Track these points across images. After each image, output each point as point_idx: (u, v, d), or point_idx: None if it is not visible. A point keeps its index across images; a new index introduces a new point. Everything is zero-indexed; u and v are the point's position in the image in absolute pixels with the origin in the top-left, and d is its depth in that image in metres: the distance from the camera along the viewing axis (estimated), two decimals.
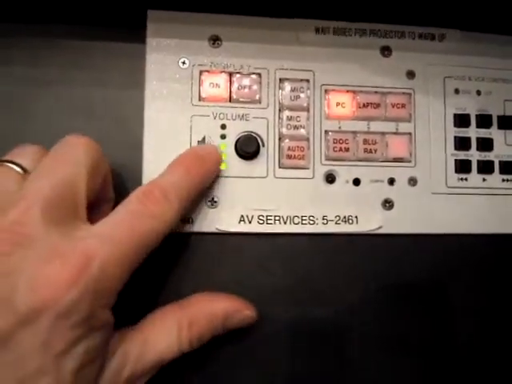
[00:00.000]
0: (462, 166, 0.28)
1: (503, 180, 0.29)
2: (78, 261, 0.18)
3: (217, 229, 0.26)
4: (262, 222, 0.26)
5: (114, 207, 0.21)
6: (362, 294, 0.27)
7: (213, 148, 0.26)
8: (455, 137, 0.28)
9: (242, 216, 0.26)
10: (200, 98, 0.26)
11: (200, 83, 0.26)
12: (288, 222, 0.27)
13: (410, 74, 0.28)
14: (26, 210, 0.18)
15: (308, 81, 0.27)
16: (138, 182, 0.25)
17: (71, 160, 0.21)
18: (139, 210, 0.21)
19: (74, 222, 0.20)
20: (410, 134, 0.28)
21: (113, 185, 0.24)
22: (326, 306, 0.27)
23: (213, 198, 0.26)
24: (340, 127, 0.27)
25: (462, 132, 0.28)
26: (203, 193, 0.26)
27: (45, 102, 0.26)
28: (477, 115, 0.29)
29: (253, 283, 0.26)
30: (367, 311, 0.27)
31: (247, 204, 0.26)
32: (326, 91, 0.27)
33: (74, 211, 0.20)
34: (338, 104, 0.27)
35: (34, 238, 0.18)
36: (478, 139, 0.28)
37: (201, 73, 0.27)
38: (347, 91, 0.28)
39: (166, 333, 0.22)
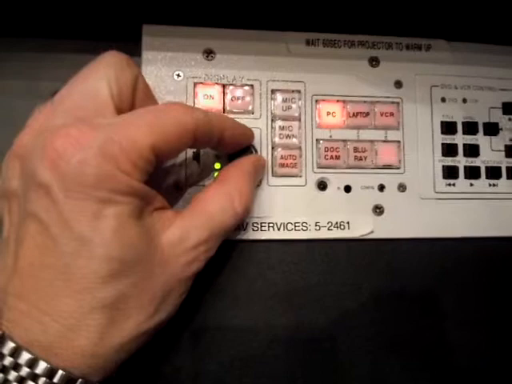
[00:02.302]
0: (450, 172, 0.29)
1: (490, 185, 0.30)
2: (81, 131, 0.19)
3: None
4: (256, 228, 0.27)
5: None
6: (355, 298, 0.28)
7: None
8: (442, 143, 0.29)
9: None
10: None
11: (194, 95, 0.27)
12: (282, 228, 0.27)
13: (398, 84, 0.29)
14: (51, 110, 0.21)
15: (299, 91, 0.28)
16: None
17: (91, 75, 0.22)
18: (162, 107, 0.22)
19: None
20: (398, 141, 0.29)
21: None
22: (321, 310, 0.28)
23: None
24: (331, 136, 0.28)
25: (449, 139, 0.29)
26: None
27: None
28: (463, 122, 0.30)
29: (249, 289, 0.27)
30: (361, 314, 0.28)
31: None
32: (316, 101, 0.28)
33: (97, 113, 0.21)
34: (328, 113, 0.28)
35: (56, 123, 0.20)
36: (465, 145, 0.29)
37: (195, 85, 0.27)
38: (337, 101, 0.28)
39: (221, 204, 0.23)
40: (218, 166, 0.27)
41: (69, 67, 0.27)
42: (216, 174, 0.27)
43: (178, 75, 0.27)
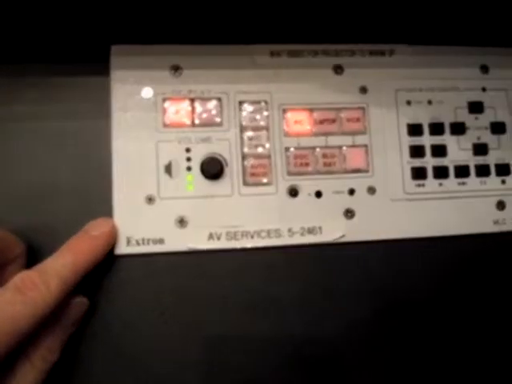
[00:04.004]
0: (418, 173, 0.30)
1: (459, 183, 0.30)
2: None
3: (188, 247, 0.27)
4: (230, 238, 0.28)
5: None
6: (330, 302, 0.29)
7: (106, 225, 0.26)
8: (410, 145, 0.30)
9: (211, 233, 0.28)
10: (164, 125, 0.28)
11: (164, 110, 0.28)
12: (255, 236, 0.28)
13: (363, 90, 0.30)
14: None
15: (266, 102, 0.29)
16: (108, 209, 0.27)
17: None
18: (14, 297, 0.22)
19: None
20: (366, 145, 0.29)
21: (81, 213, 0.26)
22: (298, 315, 0.28)
23: (182, 219, 0.27)
24: (299, 143, 0.29)
25: (416, 140, 0.30)
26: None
27: (17, 137, 0.27)
28: (429, 124, 0.30)
29: (225, 297, 0.28)
30: (336, 317, 0.28)
31: (215, 222, 0.28)
32: (284, 110, 0.29)
33: None
34: (296, 122, 0.29)
35: None
36: (432, 146, 0.30)
37: (164, 100, 0.28)
38: (304, 109, 0.29)
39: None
40: (190, 178, 0.28)
41: (40, 91, 0.28)
42: (189, 186, 0.28)
43: (147, 92, 0.28)
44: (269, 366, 0.28)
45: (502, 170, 0.31)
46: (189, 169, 0.28)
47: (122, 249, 0.27)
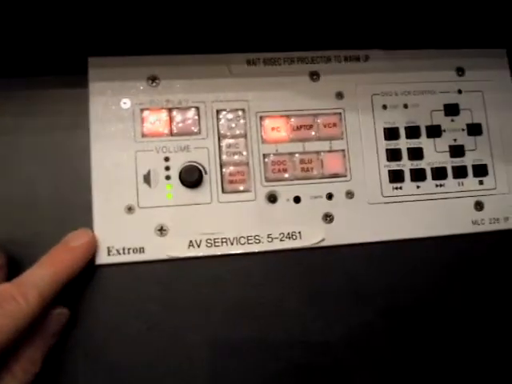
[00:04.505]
0: (396, 176, 0.30)
1: (437, 185, 0.31)
2: None
3: (168, 255, 0.28)
4: (210, 245, 0.28)
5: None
6: (312, 306, 0.29)
7: (86, 236, 0.27)
8: (387, 149, 0.30)
9: (191, 241, 0.28)
10: (143, 135, 0.28)
11: (142, 120, 0.28)
12: (235, 243, 0.28)
13: (339, 95, 0.30)
14: None
15: (243, 110, 0.29)
16: (88, 220, 0.27)
17: None
18: None
19: None
20: (343, 150, 0.30)
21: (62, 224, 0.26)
22: (278, 321, 0.28)
23: (162, 227, 0.28)
24: (277, 150, 0.29)
25: (393, 144, 0.30)
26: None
27: None
28: (406, 127, 0.31)
29: (206, 303, 0.28)
30: (318, 321, 0.29)
31: (195, 229, 0.28)
32: (261, 118, 0.29)
33: None
34: (273, 129, 0.29)
35: None
36: (409, 149, 0.30)
37: (142, 111, 0.28)
38: (281, 116, 0.30)
39: None
40: (169, 187, 0.28)
41: (19, 104, 0.28)
42: (168, 194, 0.28)
43: (125, 103, 0.28)
44: (254, 372, 0.28)
45: (479, 170, 0.31)
46: (168, 178, 0.28)
47: (103, 258, 0.27)
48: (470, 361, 0.30)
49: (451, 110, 0.31)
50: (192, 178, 0.28)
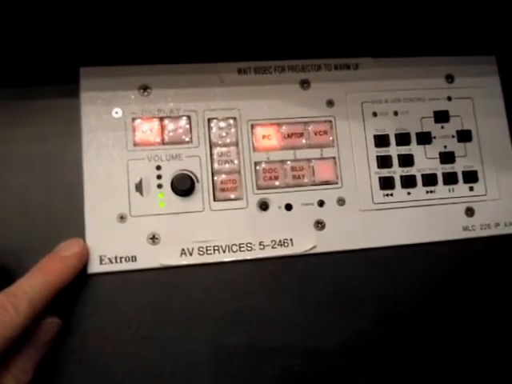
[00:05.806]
0: (386, 183, 0.30)
1: (427, 192, 0.31)
2: None
3: (160, 264, 0.28)
4: (202, 253, 0.28)
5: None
6: (303, 313, 0.29)
7: (77, 246, 0.27)
8: (377, 156, 0.30)
9: (183, 249, 0.28)
10: (134, 144, 0.28)
11: (133, 129, 0.29)
12: (227, 250, 0.28)
13: (330, 103, 0.31)
14: None
15: (235, 118, 0.30)
16: (80, 229, 0.27)
17: None
18: None
19: None
20: (334, 157, 0.30)
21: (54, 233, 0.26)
22: (271, 328, 0.29)
23: (154, 236, 0.28)
24: (268, 158, 0.29)
25: (384, 151, 0.31)
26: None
27: None
28: (396, 134, 0.31)
29: (199, 311, 0.28)
30: (310, 328, 0.29)
31: (187, 237, 0.28)
32: (252, 126, 0.30)
33: None
34: (264, 137, 0.30)
35: None
36: (399, 156, 0.31)
37: (133, 120, 0.29)
38: (272, 124, 0.30)
39: None
40: (161, 195, 0.28)
41: (10, 114, 0.28)
42: (160, 203, 0.28)
43: (117, 112, 0.29)
44: (247, 379, 0.28)
45: (470, 177, 0.31)
46: (160, 186, 0.28)
47: (95, 267, 0.27)
48: (462, 365, 0.30)
49: (441, 116, 0.32)
50: (184, 186, 0.28)
